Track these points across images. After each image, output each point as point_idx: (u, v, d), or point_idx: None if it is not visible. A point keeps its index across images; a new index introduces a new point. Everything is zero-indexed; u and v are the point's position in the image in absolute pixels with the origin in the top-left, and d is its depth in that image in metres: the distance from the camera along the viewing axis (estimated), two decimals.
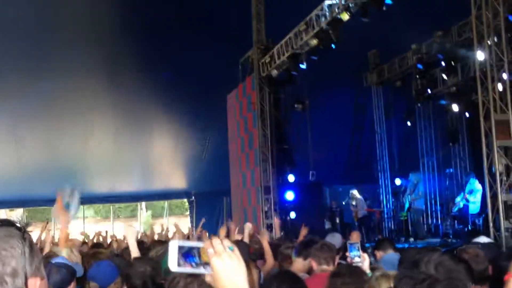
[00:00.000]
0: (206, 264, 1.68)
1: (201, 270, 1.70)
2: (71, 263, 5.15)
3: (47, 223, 10.00)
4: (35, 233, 10.49)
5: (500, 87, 11.26)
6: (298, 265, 5.54)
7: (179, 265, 1.68)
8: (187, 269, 1.69)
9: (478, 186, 15.40)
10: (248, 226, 7.92)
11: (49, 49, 18.93)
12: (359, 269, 4.12)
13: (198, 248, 1.71)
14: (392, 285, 3.28)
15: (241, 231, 8.26)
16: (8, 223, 1.73)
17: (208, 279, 1.70)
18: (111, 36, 19.43)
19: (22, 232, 1.71)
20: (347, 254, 4.73)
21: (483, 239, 6.20)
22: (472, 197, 15.71)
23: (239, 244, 5.86)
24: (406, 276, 2.01)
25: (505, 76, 11.31)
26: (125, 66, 20.18)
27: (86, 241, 12.60)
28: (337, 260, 5.30)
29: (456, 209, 16.43)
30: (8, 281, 1.63)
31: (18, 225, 1.73)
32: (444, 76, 17.64)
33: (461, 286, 1.90)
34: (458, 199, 16.58)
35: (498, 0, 11.24)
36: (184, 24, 18.92)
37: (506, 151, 11.23)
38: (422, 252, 4.62)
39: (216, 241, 1.68)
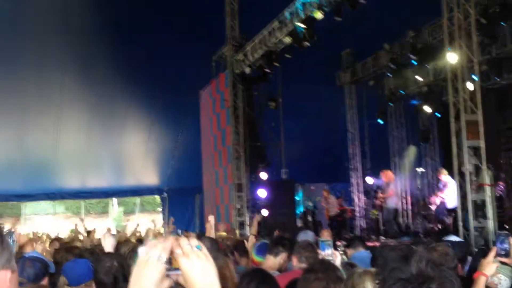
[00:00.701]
0: (177, 269, 1.66)
1: (177, 272, 1.67)
2: (45, 258, 5.11)
3: (18, 219, 9.88)
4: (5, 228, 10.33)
5: (470, 87, 11.40)
6: (269, 262, 5.55)
7: None
8: (169, 272, 1.66)
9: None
10: (211, 218, 7.90)
11: (20, 41, 18.68)
12: (333, 265, 4.13)
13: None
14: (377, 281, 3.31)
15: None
16: None
17: (180, 279, 1.69)
18: (83, 31, 19.22)
19: None
20: (319, 251, 4.75)
21: (453, 238, 6.28)
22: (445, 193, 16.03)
23: (205, 240, 5.86)
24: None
25: (475, 77, 11.46)
26: (97, 61, 19.98)
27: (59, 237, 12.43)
28: None
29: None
30: None
31: None
32: (416, 76, 17.84)
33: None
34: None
35: (470, 2, 11.39)
36: (157, 19, 18.80)
37: (476, 151, 11.38)
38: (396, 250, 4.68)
39: (183, 241, 1.67)
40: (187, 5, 18.15)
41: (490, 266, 3.52)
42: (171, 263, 1.67)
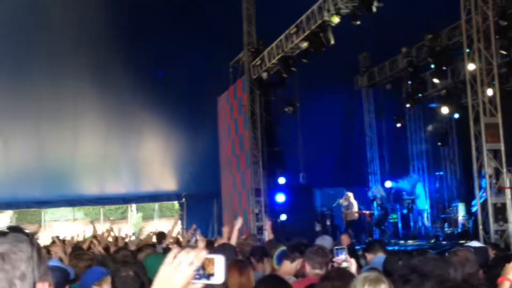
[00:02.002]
0: (211, 275, 1.72)
1: (205, 281, 1.73)
2: (64, 265, 5.14)
3: (40, 226, 9.96)
4: None
5: (489, 91, 11.32)
6: (286, 267, 5.53)
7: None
8: (195, 281, 1.73)
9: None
10: (239, 222, 7.87)
11: (39, 50, 18.89)
12: (349, 273, 4.12)
13: (205, 260, 1.74)
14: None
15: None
16: (16, 229, 1.76)
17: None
18: (101, 38, 19.40)
19: (30, 237, 1.74)
20: (334, 259, 4.73)
21: (474, 244, 6.22)
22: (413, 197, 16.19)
23: (225, 247, 5.88)
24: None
25: (494, 80, 11.38)
26: (115, 68, 20.14)
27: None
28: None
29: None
30: (17, 284, 1.65)
31: (26, 231, 1.76)
32: (434, 79, 17.73)
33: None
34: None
35: (488, 4, 11.30)
36: (174, 26, 18.92)
37: (495, 154, 11.29)
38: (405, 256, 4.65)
39: (182, 253, 1.72)
40: (204, 12, 18.27)
41: None
42: (204, 270, 1.72)
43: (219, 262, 1.74)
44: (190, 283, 1.72)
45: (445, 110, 17.72)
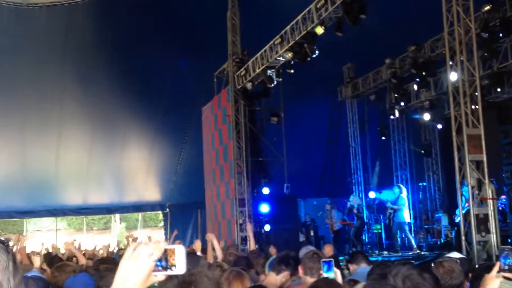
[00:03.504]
0: (172, 266, 1.73)
1: (166, 272, 1.74)
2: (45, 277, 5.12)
3: (20, 235, 9.86)
4: None
5: (472, 102, 11.41)
6: (271, 279, 5.51)
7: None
8: (157, 273, 1.73)
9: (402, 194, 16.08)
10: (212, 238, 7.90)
11: (24, 58, 18.79)
12: (337, 283, 4.11)
13: (166, 252, 1.74)
14: None
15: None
16: None
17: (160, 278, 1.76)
18: (87, 47, 19.33)
19: (6, 245, 1.71)
20: (321, 272, 4.72)
21: (455, 255, 6.23)
22: (396, 205, 16.27)
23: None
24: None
25: (476, 91, 11.47)
26: (98, 77, 20.06)
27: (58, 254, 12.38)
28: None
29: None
30: None
31: (1, 238, 1.73)
32: (418, 91, 17.88)
33: None
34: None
35: (470, 17, 11.42)
36: (159, 36, 18.90)
37: (478, 165, 11.37)
38: (393, 266, 4.65)
39: (142, 246, 1.73)
40: (189, 22, 18.25)
41: (493, 281, 3.50)
42: (166, 261, 1.73)
43: (180, 253, 1.74)
44: (152, 275, 1.72)
45: (427, 116, 17.92)
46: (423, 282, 2.14)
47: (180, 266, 1.74)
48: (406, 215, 16.78)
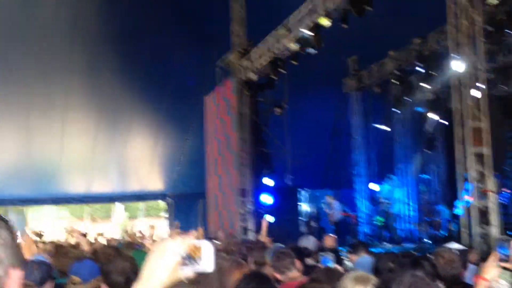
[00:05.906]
0: (200, 262, 1.72)
1: (193, 268, 1.73)
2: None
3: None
4: None
5: (476, 95, 11.40)
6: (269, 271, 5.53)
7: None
8: (185, 268, 1.73)
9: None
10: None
11: (30, 46, 18.81)
12: (338, 273, 4.11)
13: (193, 248, 1.74)
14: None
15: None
16: None
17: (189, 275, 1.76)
18: (90, 36, 19.33)
19: (7, 223, 1.73)
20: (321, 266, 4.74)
21: (453, 246, 6.28)
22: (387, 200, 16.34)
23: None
24: None
25: (480, 84, 11.46)
26: (104, 66, 20.07)
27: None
28: (307, 261, 5.30)
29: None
30: None
31: (3, 217, 1.75)
32: (422, 83, 17.84)
33: None
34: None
35: (475, 9, 11.39)
36: (163, 26, 18.89)
37: (480, 158, 11.37)
38: (396, 260, 4.68)
39: (168, 242, 1.75)
40: (192, 11, 18.23)
41: (491, 271, 3.53)
42: (191, 258, 1.72)
43: (208, 250, 1.73)
44: (179, 272, 1.72)
45: (432, 115, 17.87)
46: (453, 270, 2.15)
47: (208, 263, 1.73)
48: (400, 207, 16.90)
